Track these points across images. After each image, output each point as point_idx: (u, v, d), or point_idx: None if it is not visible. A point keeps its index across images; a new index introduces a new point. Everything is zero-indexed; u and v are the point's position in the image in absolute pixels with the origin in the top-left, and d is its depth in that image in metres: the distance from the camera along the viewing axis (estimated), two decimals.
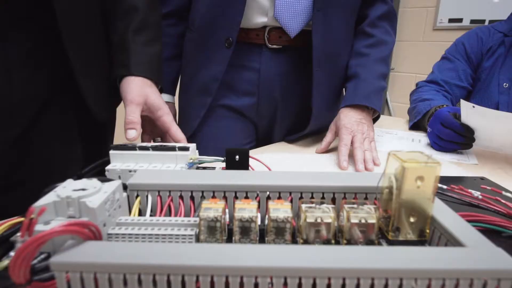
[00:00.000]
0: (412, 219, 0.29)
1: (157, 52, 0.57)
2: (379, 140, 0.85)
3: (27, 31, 0.46)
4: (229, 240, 0.30)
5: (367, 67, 0.73)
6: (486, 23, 2.04)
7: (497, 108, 1.03)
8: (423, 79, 1.14)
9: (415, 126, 0.97)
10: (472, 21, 2.10)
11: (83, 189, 0.30)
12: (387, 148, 0.80)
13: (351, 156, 0.65)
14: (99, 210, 0.28)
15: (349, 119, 0.69)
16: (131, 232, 0.29)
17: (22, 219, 0.36)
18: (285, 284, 0.23)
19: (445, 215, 0.29)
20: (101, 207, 0.28)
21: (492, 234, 0.37)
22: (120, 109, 0.66)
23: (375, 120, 0.77)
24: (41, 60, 0.48)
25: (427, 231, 0.30)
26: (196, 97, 0.72)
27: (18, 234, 0.33)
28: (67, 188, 0.30)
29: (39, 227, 0.29)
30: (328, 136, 0.71)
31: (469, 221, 0.38)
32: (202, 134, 0.74)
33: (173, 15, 0.78)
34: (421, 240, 0.30)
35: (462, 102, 0.68)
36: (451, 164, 0.68)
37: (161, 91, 0.60)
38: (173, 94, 0.84)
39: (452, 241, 0.27)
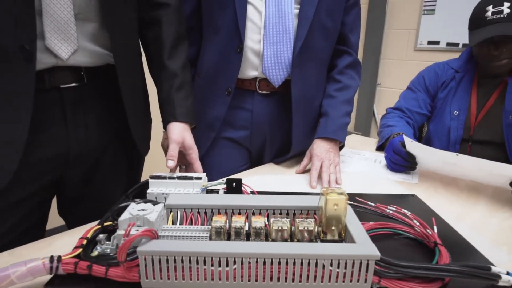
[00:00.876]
0: (333, 227, 0.50)
1: (192, 102, 0.78)
2: (348, 161, 1.06)
3: (100, 102, 0.67)
4: (228, 239, 0.51)
5: (335, 107, 0.94)
6: (460, 46, 2.25)
7: (448, 131, 1.23)
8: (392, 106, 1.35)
9: (381, 147, 1.18)
10: (448, 44, 2.31)
11: (144, 209, 0.51)
12: (354, 169, 1.00)
13: (320, 177, 0.86)
14: (156, 222, 0.49)
15: (320, 148, 0.90)
16: (172, 234, 0.50)
17: (99, 226, 0.56)
18: (256, 262, 0.44)
19: (353, 225, 0.50)
20: (156, 220, 0.49)
21: (393, 235, 0.58)
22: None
23: (341, 148, 0.98)
24: (109, 120, 0.70)
25: (343, 234, 0.51)
26: (203, 131, 0.93)
27: (101, 235, 0.54)
28: (134, 208, 0.51)
29: (121, 232, 0.50)
30: (305, 161, 0.92)
31: (379, 227, 0.59)
32: (208, 160, 0.95)
33: None
34: (340, 240, 0.51)
35: (405, 137, 0.89)
36: (396, 183, 0.89)
37: (195, 128, 0.81)
38: None
39: (352, 240, 0.48)
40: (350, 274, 0.44)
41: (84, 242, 0.51)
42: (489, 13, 1.08)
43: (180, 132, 0.72)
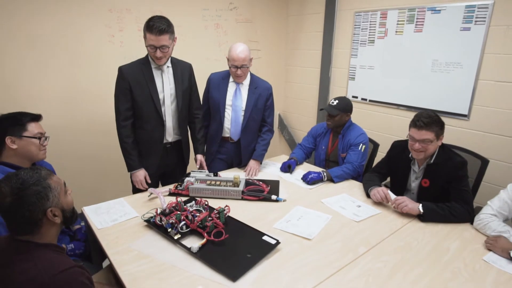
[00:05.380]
0: (235, 184, 1.93)
1: (204, 148, 2.25)
2: (267, 167, 2.46)
3: (176, 150, 2.13)
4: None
5: (259, 148, 2.35)
6: (367, 100, 3.56)
7: (320, 155, 2.60)
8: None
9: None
10: (362, 98, 3.62)
11: (190, 179, 1.95)
12: (270, 171, 2.40)
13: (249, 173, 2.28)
14: (194, 182, 1.94)
15: (251, 163, 2.31)
16: (197, 185, 1.94)
17: (178, 183, 2.01)
18: (219, 191, 1.88)
19: (241, 183, 1.92)
20: (194, 181, 1.94)
21: (257, 188, 2.01)
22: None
23: (261, 163, 2.39)
24: (178, 155, 2.17)
25: (238, 185, 1.93)
26: (208, 155, 2.35)
27: (178, 185, 1.98)
28: (187, 178, 1.95)
29: (185, 183, 1.94)
30: (246, 167, 2.34)
31: (253, 187, 2.04)
32: (211, 167, 2.36)
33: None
34: (237, 186, 1.93)
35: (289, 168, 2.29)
36: (278, 176, 2.28)
37: (204, 154, 2.26)
38: None
39: (239, 186, 1.90)
40: (237, 194, 1.87)
41: (176, 186, 1.97)
42: (330, 102, 2.46)
43: (201, 157, 2.18)
